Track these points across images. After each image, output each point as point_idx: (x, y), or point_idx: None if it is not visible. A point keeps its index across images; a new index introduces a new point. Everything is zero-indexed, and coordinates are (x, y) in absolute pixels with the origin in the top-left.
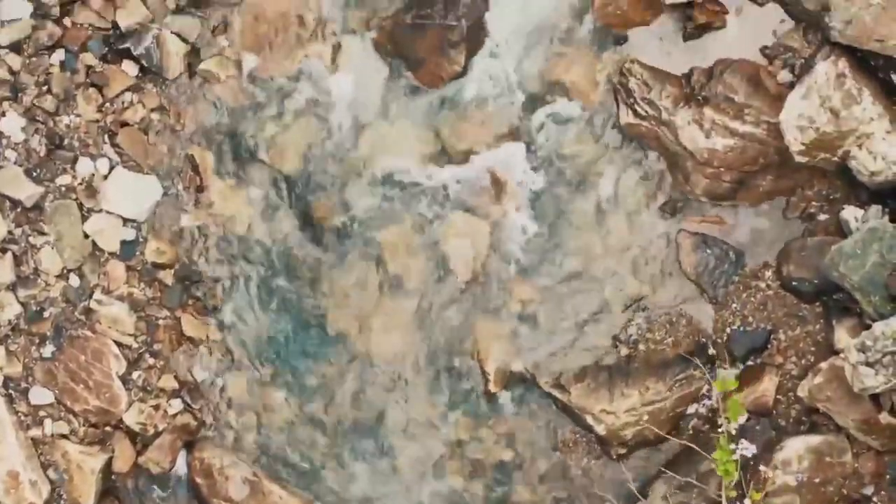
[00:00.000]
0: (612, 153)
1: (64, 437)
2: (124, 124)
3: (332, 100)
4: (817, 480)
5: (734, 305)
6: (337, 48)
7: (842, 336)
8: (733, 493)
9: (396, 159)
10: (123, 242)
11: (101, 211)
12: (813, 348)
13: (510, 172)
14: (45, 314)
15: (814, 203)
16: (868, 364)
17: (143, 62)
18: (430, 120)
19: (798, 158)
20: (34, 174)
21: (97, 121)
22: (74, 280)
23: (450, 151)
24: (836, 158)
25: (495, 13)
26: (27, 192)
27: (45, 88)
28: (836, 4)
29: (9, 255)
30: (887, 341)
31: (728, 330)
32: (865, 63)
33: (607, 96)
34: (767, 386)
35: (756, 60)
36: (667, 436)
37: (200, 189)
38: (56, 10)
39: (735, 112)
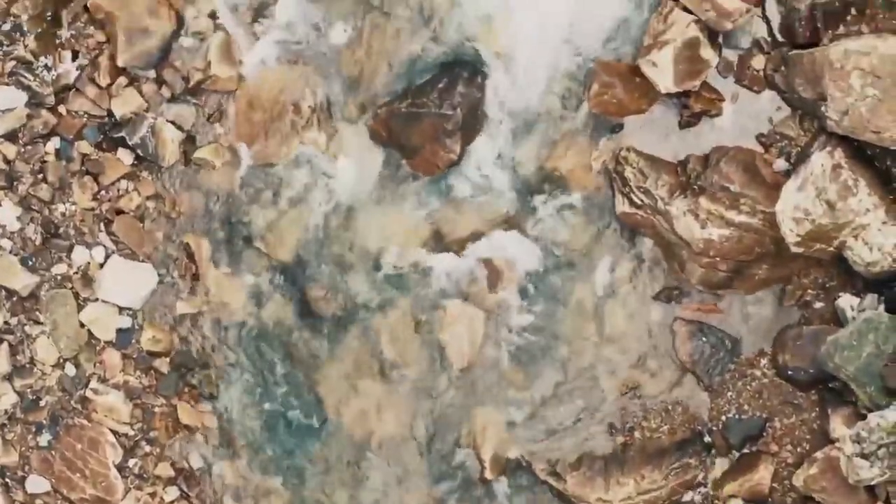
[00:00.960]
0: (608, 240)
1: None
2: (119, 212)
3: (328, 187)
4: None
5: (730, 393)
6: (332, 135)
7: (837, 425)
8: None
9: (392, 246)
10: (119, 331)
11: (96, 300)
12: (808, 436)
13: (506, 260)
14: (42, 403)
15: (810, 291)
16: (863, 456)
17: (139, 151)
18: (425, 207)
19: (794, 249)
20: (30, 263)
21: (92, 209)
22: (70, 369)
23: (446, 239)
24: (831, 249)
25: (491, 101)
26: (23, 281)
27: (40, 177)
28: (832, 95)
29: (4, 344)
30: (882, 433)
31: (724, 418)
32: (862, 152)
33: (603, 183)
34: (763, 474)
35: (752, 147)
36: None
37: (196, 277)
38: (51, 99)
39: (731, 202)
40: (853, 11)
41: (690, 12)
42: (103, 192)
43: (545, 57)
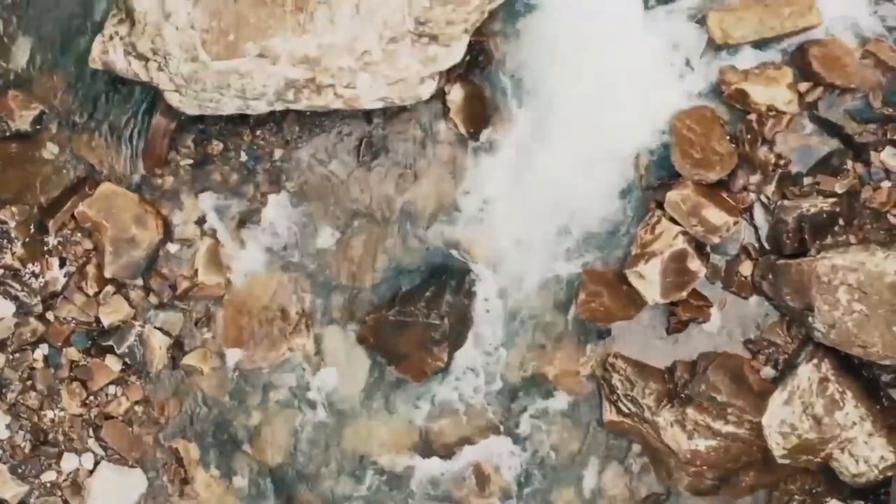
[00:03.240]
0: (596, 445)
1: None
2: (108, 417)
3: (316, 392)
4: None
5: None
6: (320, 340)
7: None
8: None
9: (380, 452)
10: None
11: None
12: None
13: (494, 465)
14: None
15: (796, 497)
16: None
17: (127, 360)
18: (413, 413)
19: (780, 461)
20: (19, 471)
21: (81, 415)
22: None
23: (434, 444)
24: (818, 460)
25: (478, 307)
26: (12, 490)
27: (29, 384)
28: (820, 308)
29: None
30: None
31: None
32: (849, 361)
33: (591, 388)
34: None
35: (740, 353)
36: None
37: (185, 481)
38: (39, 307)
39: (718, 412)
40: (840, 222)
41: (678, 223)
42: (92, 398)
43: (533, 263)
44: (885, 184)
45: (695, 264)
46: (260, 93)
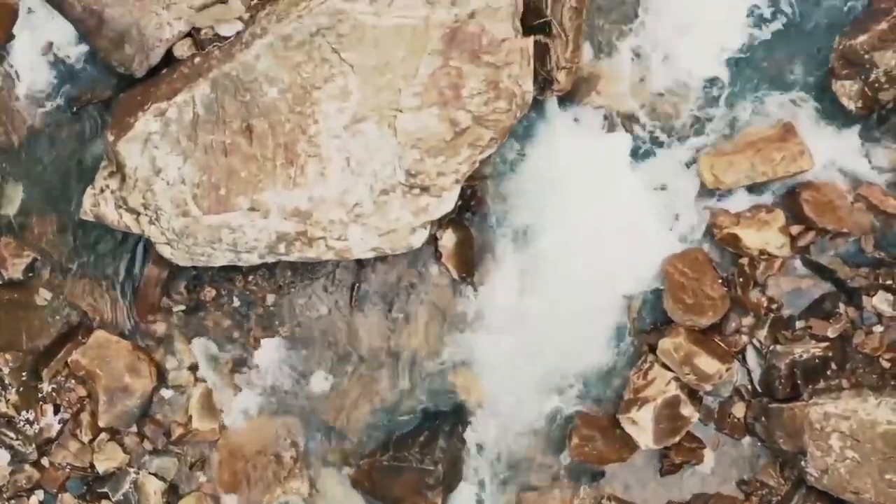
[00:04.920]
0: None
1: None
2: None
3: None
4: None
5: None
6: (315, 484)
7: None
8: None
9: None
10: None
11: None
12: None
13: None
14: None
15: None
16: None
17: None
18: None
19: None
20: None
21: None
22: None
23: None
24: None
25: (472, 450)
26: None
27: None
28: (812, 453)
29: None
30: None
31: None
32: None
33: None
34: None
35: (733, 494)
36: None
37: None
38: (34, 455)
39: None
40: (833, 366)
41: (670, 369)
42: None
43: (526, 406)
44: (878, 328)
45: (688, 410)
46: (251, 246)
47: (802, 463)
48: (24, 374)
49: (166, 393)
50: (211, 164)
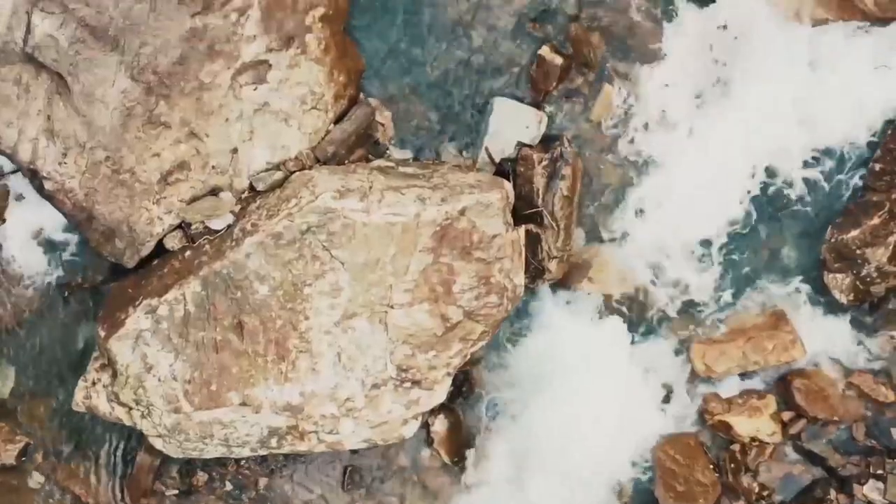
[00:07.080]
0: None
1: None
2: None
3: None
4: None
5: None
6: None
7: None
8: None
9: None
10: None
11: None
12: None
13: None
14: None
15: None
16: None
17: None
18: None
19: None
20: None
21: None
22: None
23: None
24: None
25: None
26: None
27: None
28: None
29: None
30: None
31: None
32: None
33: None
34: None
35: None
36: None
37: None
38: None
39: None
40: None
41: None
42: None
43: None
44: None
45: None
46: (243, 441)
47: None
48: None
49: None
50: (202, 360)
